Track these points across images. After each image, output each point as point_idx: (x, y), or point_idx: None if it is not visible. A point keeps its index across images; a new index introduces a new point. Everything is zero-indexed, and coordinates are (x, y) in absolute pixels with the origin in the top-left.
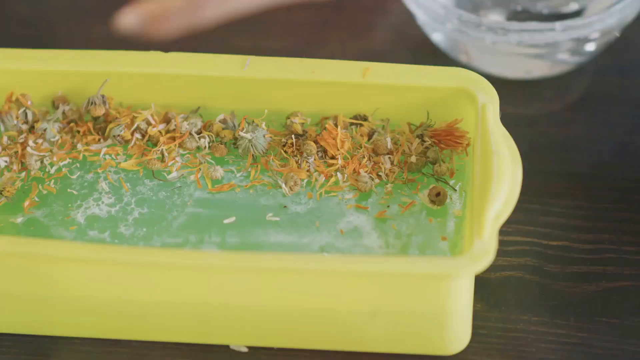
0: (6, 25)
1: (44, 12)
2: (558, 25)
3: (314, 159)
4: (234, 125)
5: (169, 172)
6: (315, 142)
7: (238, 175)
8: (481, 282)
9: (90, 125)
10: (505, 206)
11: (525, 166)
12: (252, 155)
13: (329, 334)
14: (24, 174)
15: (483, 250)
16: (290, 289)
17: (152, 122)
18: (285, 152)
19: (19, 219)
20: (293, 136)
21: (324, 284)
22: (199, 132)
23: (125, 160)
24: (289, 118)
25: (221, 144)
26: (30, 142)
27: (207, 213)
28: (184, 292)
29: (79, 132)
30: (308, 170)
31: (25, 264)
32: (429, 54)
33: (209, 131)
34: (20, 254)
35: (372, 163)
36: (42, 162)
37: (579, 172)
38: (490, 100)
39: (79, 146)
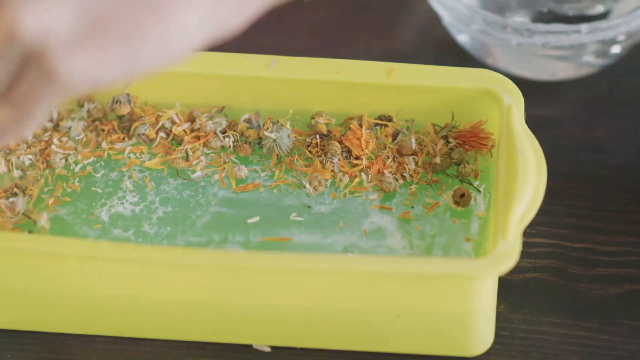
0: None
1: None
2: (584, 27)
3: (338, 159)
4: (259, 125)
5: (193, 171)
6: (340, 142)
7: (262, 174)
8: (504, 284)
9: (114, 123)
10: (529, 208)
11: (548, 168)
12: (277, 155)
13: (352, 334)
14: (48, 171)
15: (507, 251)
16: (314, 289)
17: (177, 121)
18: (310, 152)
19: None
20: (317, 136)
21: (347, 285)
22: (223, 132)
23: (150, 159)
24: (313, 118)
25: (245, 143)
26: (55, 140)
27: (231, 212)
28: (207, 291)
29: (103, 130)
30: (332, 171)
31: (47, 262)
32: (454, 54)
33: (234, 130)
34: (42, 252)
35: (397, 164)
36: (66, 160)
37: (603, 174)
38: (515, 101)
39: (104, 144)
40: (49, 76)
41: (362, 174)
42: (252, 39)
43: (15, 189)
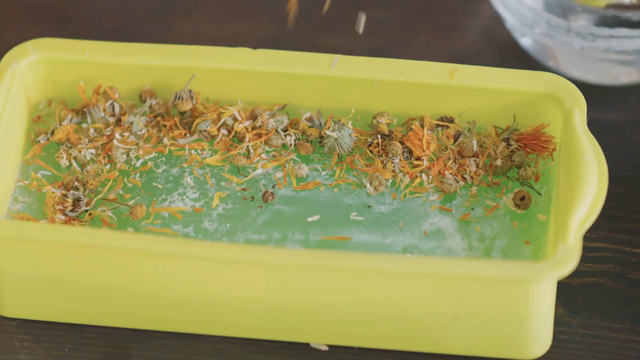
0: (95, 18)
1: (133, 5)
2: None
3: (399, 160)
4: (320, 124)
5: (254, 169)
6: (401, 142)
7: (323, 173)
8: (563, 288)
9: (176, 119)
10: (590, 212)
11: (609, 172)
12: (338, 154)
13: (409, 334)
14: (109, 166)
15: (567, 255)
16: (373, 289)
17: (239, 118)
18: (371, 151)
19: (104, 212)
20: (379, 136)
21: (406, 285)
22: (285, 130)
23: (211, 156)
24: (375, 118)
25: (307, 142)
26: (117, 135)
27: (291, 210)
28: (266, 289)
29: (165, 126)
30: (393, 171)
31: (108, 257)
32: (517, 57)
33: (295, 129)
34: (103, 246)
35: (457, 165)
36: (128, 155)
37: None
38: (577, 105)
39: (165, 140)
40: None
41: (423, 174)
42: (315, 37)
43: (76, 183)
